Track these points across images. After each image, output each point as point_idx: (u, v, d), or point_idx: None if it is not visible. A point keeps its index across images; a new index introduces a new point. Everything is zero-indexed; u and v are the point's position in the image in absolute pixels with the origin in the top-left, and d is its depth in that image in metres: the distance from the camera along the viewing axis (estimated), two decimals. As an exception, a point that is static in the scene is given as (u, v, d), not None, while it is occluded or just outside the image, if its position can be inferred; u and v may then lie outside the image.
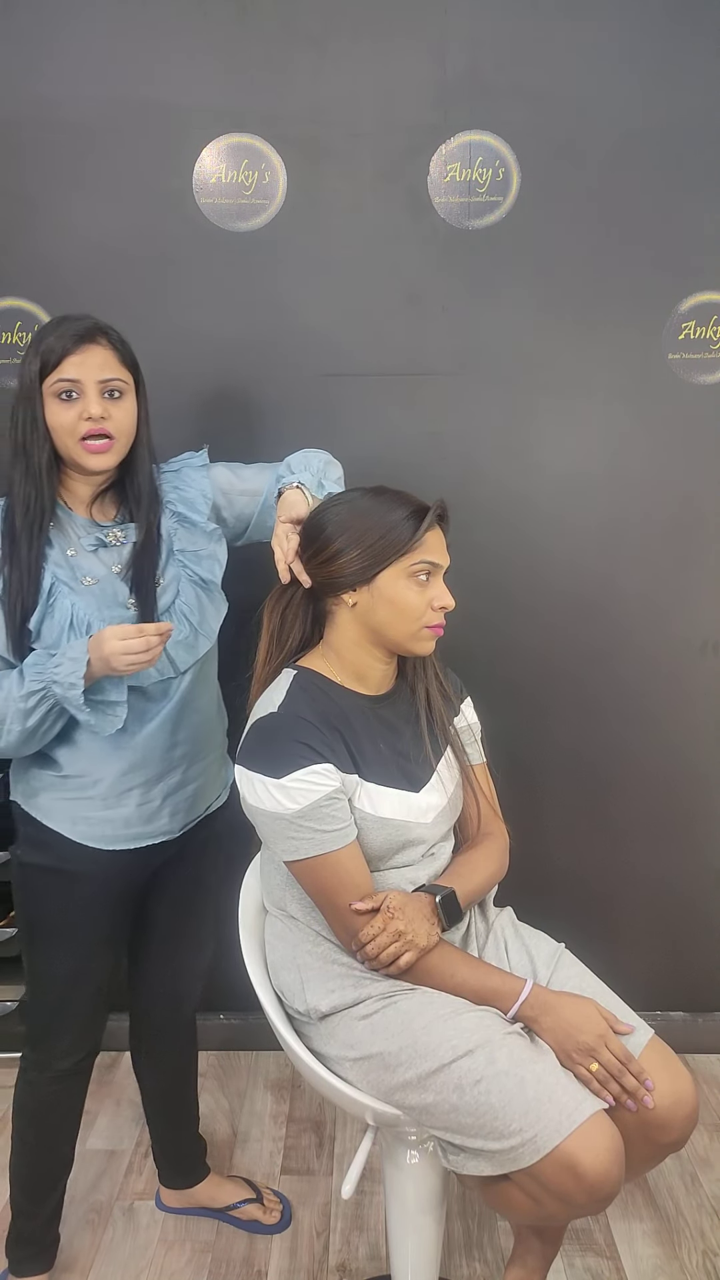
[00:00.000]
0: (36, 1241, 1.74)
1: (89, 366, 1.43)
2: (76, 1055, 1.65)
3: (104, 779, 1.53)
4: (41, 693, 1.41)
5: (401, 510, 1.39)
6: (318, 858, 1.36)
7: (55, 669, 1.40)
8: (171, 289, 2.05)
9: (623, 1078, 1.31)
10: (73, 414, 1.43)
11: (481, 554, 2.11)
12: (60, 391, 1.43)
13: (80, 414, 1.43)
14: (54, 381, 1.42)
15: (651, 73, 1.99)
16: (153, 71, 1.99)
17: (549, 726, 2.23)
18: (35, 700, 1.42)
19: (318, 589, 1.45)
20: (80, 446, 1.44)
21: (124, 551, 1.52)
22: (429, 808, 1.46)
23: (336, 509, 1.43)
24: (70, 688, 1.38)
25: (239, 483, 1.65)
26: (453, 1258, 1.81)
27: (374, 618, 1.42)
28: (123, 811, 1.55)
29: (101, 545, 1.51)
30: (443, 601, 1.42)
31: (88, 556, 1.50)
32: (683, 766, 2.26)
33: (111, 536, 1.52)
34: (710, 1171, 2.02)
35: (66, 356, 1.42)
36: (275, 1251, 1.84)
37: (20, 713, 1.42)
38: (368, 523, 1.39)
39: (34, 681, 1.41)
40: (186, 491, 1.60)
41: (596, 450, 2.12)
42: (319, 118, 2.01)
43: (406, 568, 1.39)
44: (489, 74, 1.99)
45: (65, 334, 1.43)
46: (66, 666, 1.39)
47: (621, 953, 2.12)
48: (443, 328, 2.08)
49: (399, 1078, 1.34)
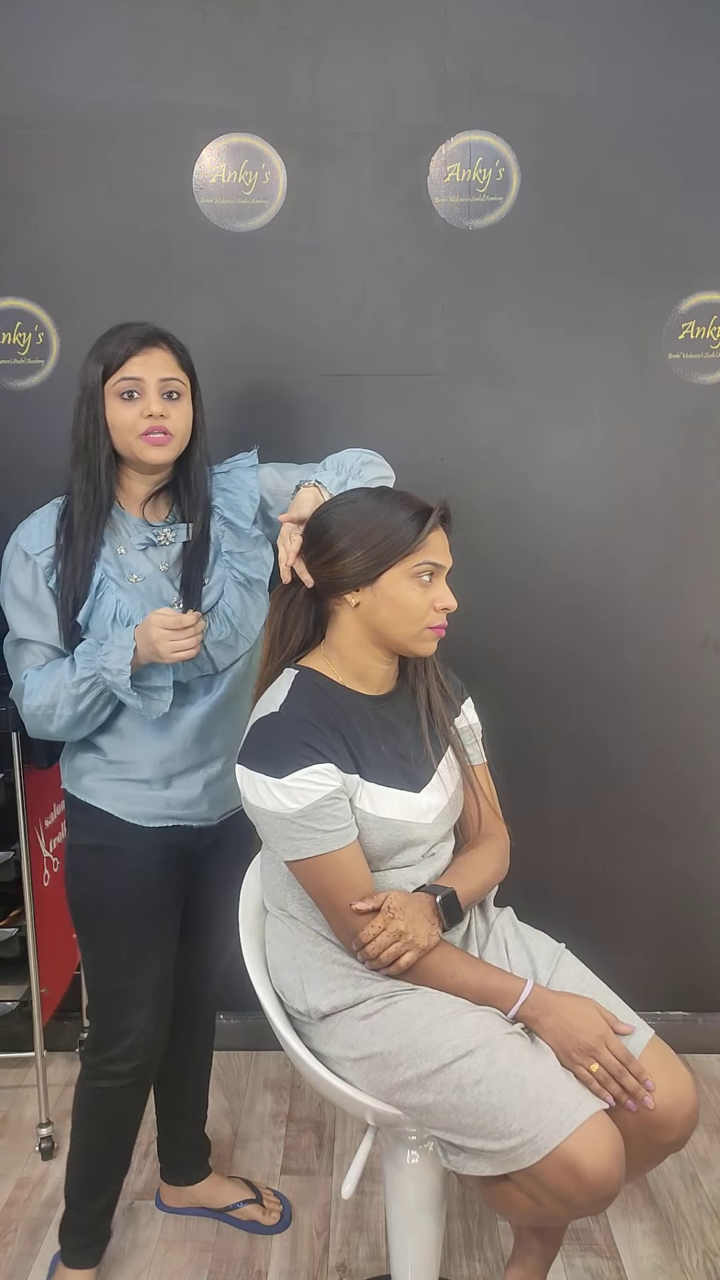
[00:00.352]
0: (87, 1234, 1.74)
1: (151, 367, 1.50)
2: (146, 1048, 1.64)
3: (146, 765, 1.59)
4: (91, 679, 1.50)
5: (405, 511, 1.40)
6: (318, 857, 1.36)
7: (104, 657, 1.48)
8: (171, 289, 2.05)
9: (623, 1078, 1.31)
10: (134, 412, 1.50)
11: (481, 554, 2.11)
12: (123, 391, 1.49)
13: (141, 412, 1.49)
14: (117, 381, 1.49)
15: (651, 73, 1.99)
16: (153, 71, 1.99)
17: (548, 726, 2.23)
18: (86, 686, 1.50)
19: (320, 589, 1.45)
20: (140, 440, 1.50)
21: (172, 551, 1.58)
22: (430, 808, 1.46)
23: (340, 509, 1.43)
24: (119, 674, 1.46)
25: (285, 483, 1.67)
26: (453, 1258, 1.81)
27: (376, 618, 1.42)
28: (164, 794, 1.61)
29: (151, 544, 1.57)
30: (445, 602, 1.42)
31: (137, 555, 1.57)
32: (683, 766, 2.26)
33: (161, 536, 1.58)
34: (710, 1171, 2.02)
35: (130, 358, 1.49)
36: (275, 1251, 1.84)
37: (71, 698, 1.50)
38: (371, 523, 1.39)
39: (85, 669, 1.50)
40: (234, 495, 1.65)
41: (596, 450, 2.13)
42: (319, 118, 2.01)
43: (409, 568, 1.39)
44: (489, 74, 1.99)
45: (128, 337, 1.50)
46: (115, 654, 1.47)
47: (621, 953, 2.12)
48: (442, 328, 2.08)
49: (399, 1077, 1.34)
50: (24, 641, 1.55)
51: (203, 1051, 1.88)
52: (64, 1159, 1.74)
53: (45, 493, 1.60)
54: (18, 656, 1.57)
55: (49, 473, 1.63)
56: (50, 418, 1.80)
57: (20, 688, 1.56)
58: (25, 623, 1.55)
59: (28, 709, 1.54)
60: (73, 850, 1.64)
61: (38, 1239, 1.86)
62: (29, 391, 2.11)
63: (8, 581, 1.56)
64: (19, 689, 1.56)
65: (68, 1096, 2.21)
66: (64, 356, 2.07)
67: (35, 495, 1.60)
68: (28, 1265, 1.81)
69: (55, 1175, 2.01)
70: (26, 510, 1.58)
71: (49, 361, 2.09)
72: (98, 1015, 1.66)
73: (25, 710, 1.55)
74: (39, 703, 1.52)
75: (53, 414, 1.51)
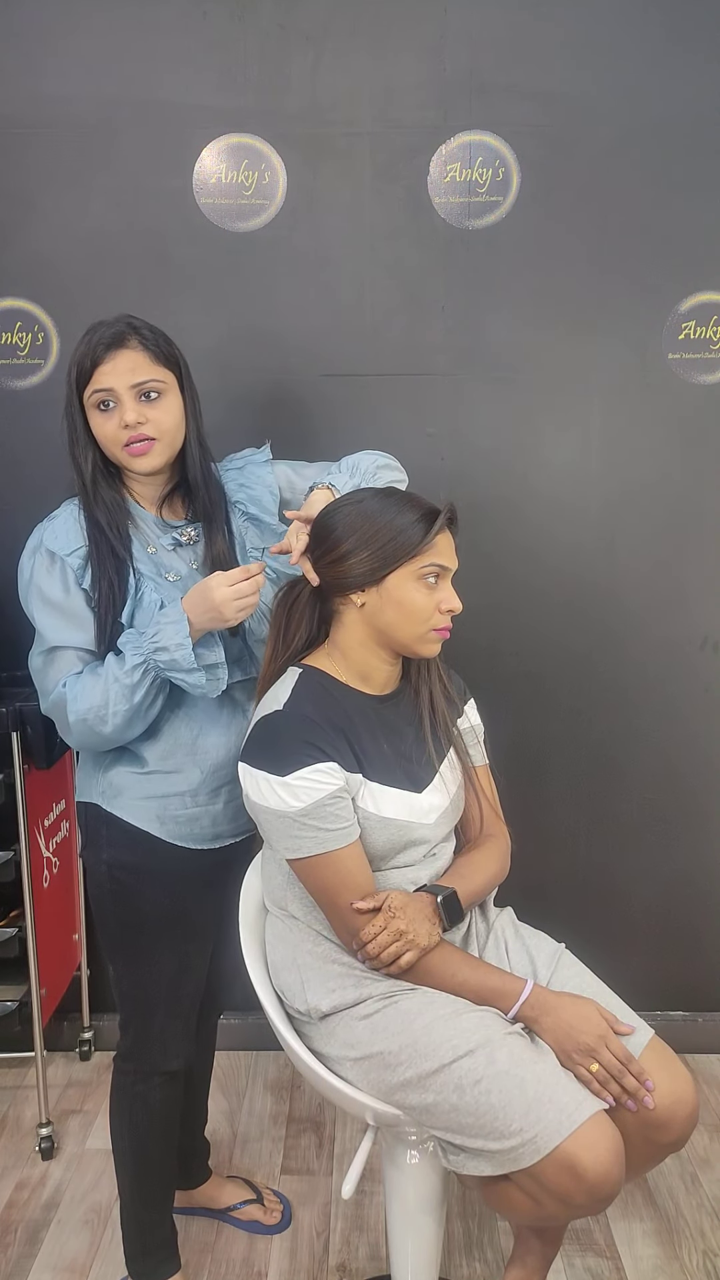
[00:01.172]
0: (167, 1244, 1.69)
1: (119, 373, 1.42)
2: (184, 1053, 1.61)
3: (197, 774, 1.53)
4: (143, 665, 1.41)
5: (412, 513, 1.39)
6: (320, 856, 1.36)
7: (155, 637, 1.41)
8: (171, 289, 2.05)
9: (623, 1078, 1.31)
10: (113, 423, 1.44)
11: (481, 554, 2.11)
12: (98, 403, 1.44)
13: (119, 422, 1.43)
14: (90, 394, 1.44)
15: (651, 72, 1.99)
16: (153, 71, 1.99)
17: (547, 726, 2.23)
18: (139, 674, 1.41)
19: (325, 588, 1.45)
20: (124, 452, 1.45)
21: (199, 549, 1.54)
22: (431, 808, 1.46)
23: (346, 509, 1.42)
24: (179, 648, 1.39)
25: (300, 481, 1.64)
26: (453, 1258, 1.81)
27: (381, 619, 1.41)
28: (212, 809, 1.55)
29: (178, 544, 1.54)
30: (450, 604, 1.41)
31: (168, 554, 1.53)
32: (683, 766, 2.26)
33: (185, 536, 1.54)
34: (710, 1171, 2.02)
35: (98, 366, 1.42)
36: (275, 1252, 1.84)
37: (125, 690, 1.41)
38: (378, 524, 1.39)
39: (134, 655, 1.42)
40: (255, 490, 1.60)
41: (596, 450, 2.13)
42: (319, 117, 2.01)
43: (416, 570, 1.39)
44: (489, 74, 1.99)
45: (95, 342, 1.43)
46: (168, 630, 1.40)
47: (621, 953, 2.12)
48: (442, 328, 2.08)
49: (399, 1077, 1.34)
50: (57, 649, 1.46)
51: (206, 1057, 1.87)
52: (64, 1159, 1.74)
53: (45, 493, 1.57)
54: (49, 667, 1.46)
55: (49, 473, 1.62)
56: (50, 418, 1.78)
57: (61, 697, 1.44)
58: (58, 629, 1.45)
59: (76, 715, 1.43)
60: (113, 870, 1.53)
61: (38, 1240, 1.86)
62: (29, 391, 2.11)
63: (34, 587, 1.47)
64: (58, 700, 1.45)
65: (67, 1097, 2.23)
66: (64, 356, 2.06)
67: (35, 495, 1.59)
68: (27, 1266, 1.81)
69: (55, 1176, 2.01)
70: (27, 510, 1.57)
71: (49, 361, 2.09)
72: (137, 1024, 1.59)
73: (72, 718, 1.43)
74: (88, 705, 1.42)
75: (52, 414, 1.50)
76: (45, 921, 2.07)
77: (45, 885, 2.09)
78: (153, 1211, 1.67)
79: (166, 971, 1.57)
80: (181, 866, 1.54)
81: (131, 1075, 1.61)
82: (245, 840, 1.62)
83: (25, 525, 1.53)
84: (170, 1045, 1.59)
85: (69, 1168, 2.03)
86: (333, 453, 1.70)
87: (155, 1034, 1.59)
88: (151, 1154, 1.64)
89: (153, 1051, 1.59)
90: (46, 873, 2.10)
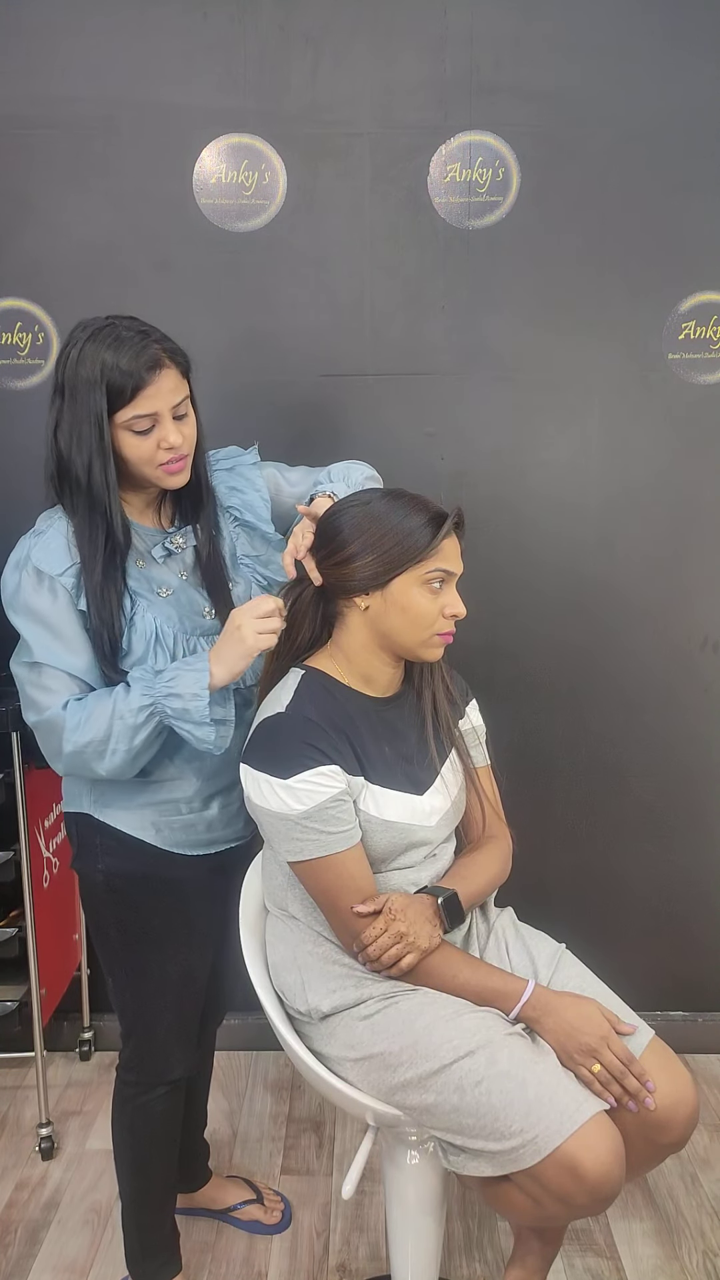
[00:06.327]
0: (169, 1246, 1.69)
1: (162, 395, 1.36)
2: (187, 1062, 1.60)
3: (192, 784, 1.51)
4: (151, 708, 1.36)
5: (419, 517, 1.38)
6: (321, 859, 1.36)
7: (170, 682, 1.36)
8: (171, 289, 2.05)
9: (624, 1079, 1.31)
10: (150, 444, 1.38)
11: (481, 554, 2.10)
12: (138, 428, 1.37)
13: (159, 443, 1.38)
14: (130, 418, 1.36)
15: (651, 72, 1.99)
16: (153, 72, 1.99)
17: (547, 726, 2.23)
18: (144, 716, 1.36)
19: (329, 590, 1.44)
20: (160, 470, 1.40)
21: (187, 557, 1.51)
22: (433, 810, 1.46)
23: (352, 511, 1.41)
24: (194, 698, 1.34)
25: (286, 486, 1.63)
26: (453, 1258, 1.81)
27: (385, 622, 1.41)
28: (206, 816, 1.54)
29: (168, 554, 1.49)
30: (455, 609, 1.41)
31: (158, 567, 1.48)
32: (683, 766, 2.26)
33: (174, 543, 1.50)
34: (710, 1171, 2.02)
35: (140, 390, 1.34)
36: (275, 1252, 1.84)
37: (128, 729, 1.36)
38: (384, 527, 1.37)
39: (143, 696, 1.36)
40: (247, 495, 1.57)
41: (596, 450, 2.12)
42: (319, 118, 2.01)
43: (421, 575, 1.38)
44: (489, 74, 1.99)
45: (135, 365, 1.34)
46: (187, 678, 1.35)
47: (621, 953, 2.12)
48: (442, 328, 2.08)
49: (400, 1078, 1.34)
50: (45, 667, 1.39)
51: (207, 1062, 1.86)
52: (64, 1159, 1.74)
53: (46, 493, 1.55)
54: (39, 679, 1.39)
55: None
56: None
57: (58, 720, 1.38)
58: (48, 647, 1.39)
59: (74, 745, 1.37)
60: (110, 879, 1.51)
61: (38, 1241, 1.86)
62: (29, 391, 2.10)
63: (20, 601, 1.40)
64: (54, 721, 1.38)
65: (67, 1097, 2.23)
66: (64, 357, 2.06)
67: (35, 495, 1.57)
68: (27, 1267, 1.81)
69: (55, 1176, 2.01)
70: (26, 510, 1.54)
71: (49, 361, 2.09)
72: (139, 1035, 1.58)
73: (68, 747, 1.37)
74: (89, 738, 1.36)
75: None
76: (45, 921, 2.06)
77: (45, 885, 2.09)
78: (154, 1215, 1.67)
79: (169, 981, 1.56)
80: (179, 873, 1.53)
81: (134, 1086, 1.60)
82: (242, 845, 1.61)
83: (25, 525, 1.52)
84: (173, 1056, 1.59)
85: (69, 1168, 2.04)
86: (333, 453, 1.70)
87: (158, 1045, 1.58)
88: (153, 1161, 1.63)
89: (155, 1062, 1.58)
90: (46, 873, 2.10)
